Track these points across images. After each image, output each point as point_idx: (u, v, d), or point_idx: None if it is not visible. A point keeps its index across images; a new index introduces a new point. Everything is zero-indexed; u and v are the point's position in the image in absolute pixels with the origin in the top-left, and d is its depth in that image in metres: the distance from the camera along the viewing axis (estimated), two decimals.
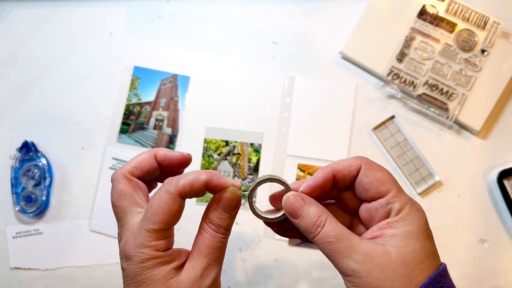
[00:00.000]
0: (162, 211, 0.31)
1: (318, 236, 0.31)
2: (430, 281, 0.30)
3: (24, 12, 0.72)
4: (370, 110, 0.68)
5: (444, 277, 0.31)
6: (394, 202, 0.32)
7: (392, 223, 0.31)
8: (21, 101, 0.69)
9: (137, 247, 0.31)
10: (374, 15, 0.68)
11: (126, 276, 0.32)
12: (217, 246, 0.32)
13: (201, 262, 0.32)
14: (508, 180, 0.65)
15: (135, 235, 0.32)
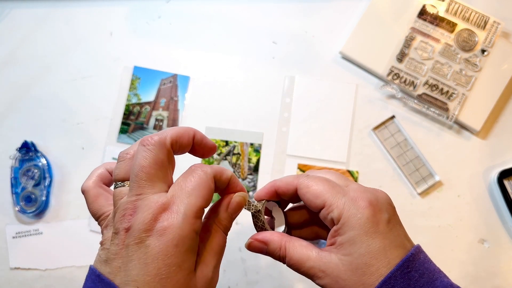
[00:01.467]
0: (204, 188, 0.30)
1: (287, 264, 0.35)
2: (379, 285, 0.30)
3: (24, 12, 0.72)
4: (370, 110, 0.68)
5: (402, 274, 0.31)
6: (332, 211, 0.33)
7: (338, 231, 0.33)
8: (21, 101, 0.69)
9: (180, 220, 0.28)
10: (374, 15, 0.68)
11: (148, 256, 0.28)
12: (224, 245, 0.33)
13: (213, 261, 0.32)
14: (508, 180, 0.65)
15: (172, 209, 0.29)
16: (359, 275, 0.31)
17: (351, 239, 0.32)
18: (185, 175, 0.32)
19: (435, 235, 0.64)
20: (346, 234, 0.32)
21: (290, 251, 0.34)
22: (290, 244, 0.35)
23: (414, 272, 0.31)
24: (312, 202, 0.34)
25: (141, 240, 0.28)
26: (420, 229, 0.65)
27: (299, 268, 0.34)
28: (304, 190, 0.35)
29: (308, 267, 0.33)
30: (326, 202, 0.33)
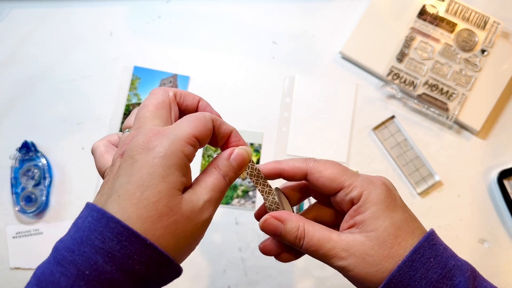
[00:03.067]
0: (201, 123, 0.31)
1: (304, 247, 0.33)
2: (410, 254, 0.31)
3: (24, 12, 0.72)
4: (370, 110, 0.68)
5: (436, 235, 0.33)
6: (352, 192, 0.33)
7: (358, 209, 0.33)
8: (21, 101, 0.69)
9: (170, 140, 0.29)
10: (374, 15, 0.68)
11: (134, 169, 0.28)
12: (221, 189, 0.32)
13: (205, 195, 0.30)
14: (508, 180, 0.65)
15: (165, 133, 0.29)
16: (388, 247, 0.31)
17: (374, 214, 0.32)
18: (185, 116, 0.32)
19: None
20: (368, 211, 0.32)
21: (310, 232, 0.33)
22: (309, 224, 0.34)
23: (438, 245, 0.32)
24: (327, 186, 0.34)
25: (131, 157, 0.29)
26: None
27: (318, 249, 0.33)
28: (317, 175, 0.34)
29: (329, 248, 0.32)
30: (345, 184, 0.33)
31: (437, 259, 0.31)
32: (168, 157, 0.28)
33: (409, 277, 0.30)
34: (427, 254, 0.31)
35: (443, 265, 0.31)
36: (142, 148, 0.29)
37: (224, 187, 0.32)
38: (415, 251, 0.31)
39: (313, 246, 0.33)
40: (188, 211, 0.29)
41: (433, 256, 0.31)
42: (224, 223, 0.65)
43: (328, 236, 0.33)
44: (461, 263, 0.32)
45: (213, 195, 0.31)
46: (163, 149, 0.28)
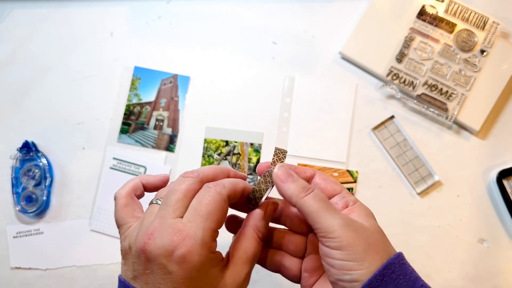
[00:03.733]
0: (218, 211, 0.32)
1: (309, 196, 0.33)
2: (382, 269, 0.31)
3: (24, 12, 0.72)
4: (370, 110, 0.68)
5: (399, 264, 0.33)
6: (349, 196, 0.36)
7: (353, 209, 0.35)
8: (21, 101, 0.69)
9: (198, 247, 0.30)
10: (374, 16, 0.68)
11: (174, 281, 0.30)
12: (259, 252, 0.35)
13: (247, 268, 0.33)
14: (507, 180, 0.65)
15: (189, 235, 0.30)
16: (383, 237, 0.34)
17: (368, 215, 0.35)
18: (199, 195, 0.33)
19: (434, 235, 0.65)
20: (362, 212, 0.35)
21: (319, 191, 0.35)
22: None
23: (407, 266, 0.33)
24: (329, 187, 0.36)
25: (164, 266, 0.30)
26: (420, 229, 0.65)
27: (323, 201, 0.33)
28: (323, 176, 0.37)
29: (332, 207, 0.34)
30: (343, 190, 0.36)
31: (406, 278, 0.31)
32: (203, 267, 0.31)
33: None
34: (397, 271, 0.31)
35: (411, 285, 0.31)
36: (169, 255, 0.30)
37: (261, 247, 0.35)
38: (386, 267, 0.31)
39: (320, 196, 0.34)
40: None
41: (403, 274, 0.31)
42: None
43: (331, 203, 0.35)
44: (428, 287, 0.32)
45: (253, 264, 0.34)
46: (195, 262, 0.30)
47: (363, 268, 0.30)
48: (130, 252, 0.33)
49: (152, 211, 0.34)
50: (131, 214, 0.36)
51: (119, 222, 0.36)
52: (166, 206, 0.32)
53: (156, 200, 0.36)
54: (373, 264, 0.31)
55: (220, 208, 0.32)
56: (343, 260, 0.31)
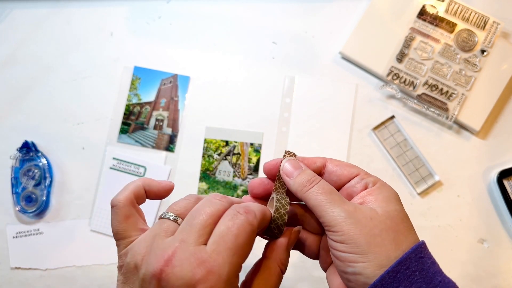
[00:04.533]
0: (247, 244, 0.29)
1: (312, 189, 0.32)
2: (395, 265, 0.29)
3: (24, 12, 0.72)
4: (370, 110, 0.68)
5: (426, 249, 0.32)
6: (368, 178, 0.34)
7: (371, 192, 0.33)
8: (21, 101, 0.69)
9: (222, 285, 0.27)
10: (374, 15, 0.68)
11: None
12: (280, 284, 0.32)
13: None
14: (508, 180, 0.65)
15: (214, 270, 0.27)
16: (396, 223, 0.31)
17: (388, 198, 0.33)
18: (227, 220, 0.29)
19: (434, 235, 0.65)
20: (381, 194, 0.33)
21: (325, 182, 0.34)
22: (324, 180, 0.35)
23: (426, 259, 0.31)
24: (345, 171, 0.35)
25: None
26: (420, 229, 0.64)
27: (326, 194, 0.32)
28: (336, 162, 0.36)
29: (339, 198, 0.32)
30: (361, 172, 0.35)
31: (423, 273, 0.30)
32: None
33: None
34: (412, 266, 0.30)
35: (428, 281, 0.30)
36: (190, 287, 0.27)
37: (281, 280, 0.32)
38: (400, 262, 0.29)
39: (323, 189, 0.32)
40: None
41: (419, 269, 0.30)
42: None
43: (339, 193, 0.33)
44: (448, 280, 0.31)
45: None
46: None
47: (366, 261, 0.29)
48: (137, 272, 0.29)
49: (166, 229, 0.30)
50: (134, 227, 0.32)
51: (119, 235, 0.32)
52: (191, 228, 0.29)
53: (169, 214, 0.31)
54: (378, 257, 0.29)
55: (250, 241, 0.29)
56: (346, 253, 0.30)
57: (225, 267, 0.27)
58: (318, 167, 0.36)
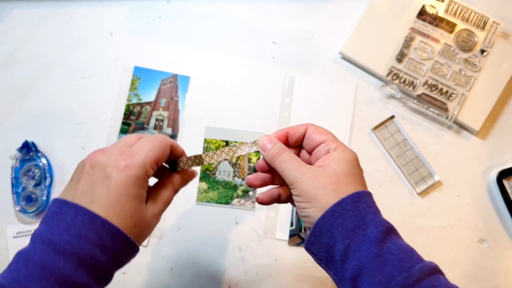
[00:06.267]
0: (161, 148, 0.40)
1: (278, 159, 0.42)
2: (353, 194, 0.38)
3: (24, 12, 0.72)
4: (370, 110, 0.68)
5: (366, 197, 0.39)
6: (332, 144, 0.42)
7: (330, 156, 0.41)
8: (21, 101, 0.69)
9: (139, 164, 0.37)
10: (374, 16, 0.68)
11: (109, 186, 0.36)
12: (171, 200, 0.43)
13: (161, 206, 0.41)
14: (507, 180, 0.65)
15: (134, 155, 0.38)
16: (339, 177, 0.40)
17: (341, 160, 0.41)
18: (152, 137, 0.40)
19: (434, 235, 0.65)
20: (337, 157, 0.41)
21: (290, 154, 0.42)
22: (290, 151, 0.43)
23: (362, 203, 0.39)
24: (317, 137, 0.43)
25: (104, 171, 0.36)
26: (420, 229, 0.65)
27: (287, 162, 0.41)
28: (313, 128, 0.44)
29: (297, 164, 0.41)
30: (329, 139, 0.42)
31: (356, 213, 0.38)
32: (138, 180, 0.37)
33: (329, 223, 0.38)
34: (347, 208, 0.38)
35: (360, 219, 0.37)
36: (113, 165, 0.37)
37: (172, 197, 0.43)
38: (336, 204, 0.38)
39: (286, 158, 0.42)
40: (149, 218, 0.39)
41: (352, 210, 0.38)
42: (224, 223, 0.65)
43: (300, 161, 0.42)
44: (380, 219, 0.38)
45: (165, 206, 0.42)
46: (134, 173, 0.37)
47: (312, 207, 0.39)
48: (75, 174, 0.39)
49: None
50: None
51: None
52: (120, 141, 0.40)
53: None
54: (321, 203, 0.38)
55: (163, 148, 0.40)
56: (300, 202, 0.40)
57: (142, 155, 0.38)
58: (301, 133, 0.44)
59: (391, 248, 0.36)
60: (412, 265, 0.36)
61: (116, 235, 0.35)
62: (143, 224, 0.38)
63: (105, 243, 0.34)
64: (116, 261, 0.36)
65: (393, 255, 0.36)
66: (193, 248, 0.64)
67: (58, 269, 0.32)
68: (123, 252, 0.37)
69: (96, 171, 0.37)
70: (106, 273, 0.36)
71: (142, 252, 0.64)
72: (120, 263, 0.38)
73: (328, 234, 0.38)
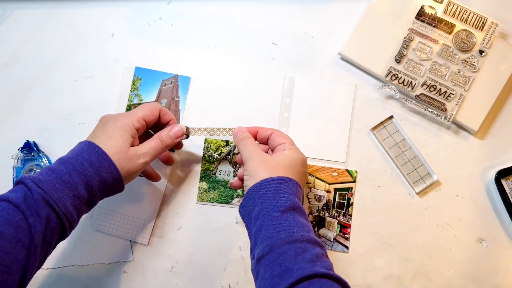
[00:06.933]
0: (150, 109, 0.57)
1: (242, 142, 0.55)
2: (282, 177, 0.50)
3: (26, 13, 0.72)
4: (369, 111, 0.68)
5: (291, 183, 0.50)
6: (288, 146, 0.54)
7: (283, 151, 0.54)
8: (23, 101, 0.69)
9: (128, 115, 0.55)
10: (373, 17, 0.69)
11: (106, 127, 0.54)
12: (157, 148, 0.56)
13: (144, 150, 0.54)
14: (506, 180, 0.65)
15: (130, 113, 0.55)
16: (276, 164, 0.52)
17: (286, 155, 0.53)
18: (144, 103, 0.61)
19: (433, 234, 0.65)
20: (285, 153, 0.54)
21: (252, 142, 0.56)
22: (253, 140, 0.56)
23: (283, 185, 0.49)
24: (278, 139, 0.56)
25: (105, 122, 0.54)
26: (419, 229, 0.65)
27: (248, 146, 0.54)
28: (277, 133, 0.57)
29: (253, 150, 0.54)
30: (287, 143, 0.55)
31: (276, 189, 0.49)
32: (124, 127, 0.53)
33: (255, 191, 0.50)
34: (272, 185, 0.49)
35: (277, 193, 0.48)
36: (112, 118, 0.54)
37: (161, 148, 0.56)
38: (265, 179, 0.50)
39: (247, 143, 0.55)
40: (130, 155, 0.52)
41: (275, 187, 0.49)
42: (224, 222, 0.65)
43: (259, 150, 0.54)
44: (292, 199, 0.48)
45: (150, 151, 0.55)
46: (122, 121, 0.53)
47: (250, 179, 0.51)
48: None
49: None
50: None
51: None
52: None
53: None
54: (257, 178, 0.50)
55: (151, 109, 0.56)
56: (246, 175, 0.52)
57: (130, 113, 0.55)
58: (268, 134, 0.57)
59: (289, 218, 0.46)
60: (297, 231, 0.45)
61: (101, 155, 0.50)
62: (125, 157, 0.52)
63: (93, 159, 0.50)
64: (100, 177, 0.50)
65: (287, 222, 0.46)
66: (193, 248, 0.65)
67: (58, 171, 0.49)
68: (108, 173, 0.50)
69: (101, 123, 0.55)
70: (91, 184, 0.49)
71: (143, 252, 0.65)
72: (104, 183, 0.50)
73: (253, 200, 0.50)
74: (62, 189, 0.47)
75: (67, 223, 0.47)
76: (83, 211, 0.50)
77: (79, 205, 0.49)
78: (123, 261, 0.65)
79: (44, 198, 0.46)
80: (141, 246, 0.65)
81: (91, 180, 0.49)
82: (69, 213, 0.47)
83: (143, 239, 0.65)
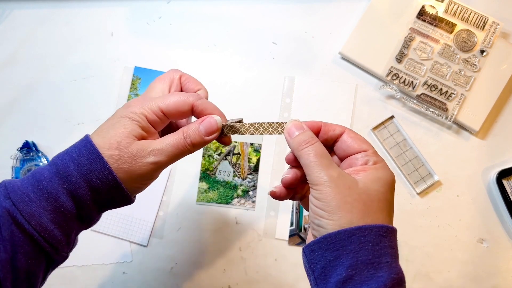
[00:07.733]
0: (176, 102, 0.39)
1: (307, 149, 0.37)
2: (382, 226, 0.34)
3: (25, 13, 0.72)
4: (369, 110, 0.68)
5: (392, 235, 0.35)
6: (372, 157, 0.38)
7: (367, 168, 0.37)
8: (22, 101, 0.69)
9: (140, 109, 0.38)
10: (374, 16, 0.68)
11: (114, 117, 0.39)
12: (179, 146, 0.39)
13: (158, 146, 0.38)
14: (507, 180, 0.65)
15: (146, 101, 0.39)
16: (370, 200, 0.35)
17: (377, 178, 0.36)
18: (173, 93, 0.42)
19: (434, 234, 0.65)
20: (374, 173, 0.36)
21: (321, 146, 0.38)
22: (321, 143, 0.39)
23: (387, 239, 0.34)
24: (355, 145, 0.38)
25: (118, 114, 0.39)
26: (419, 229, 0.65)
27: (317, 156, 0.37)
28: (352, 134, 0.39)
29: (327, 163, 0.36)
30: (370, 150, 0.38)
31: (375, 248, 0.33)
32: (132, 115, 0.38)
33: (341, 243, 0.33)
34: (369, 238, 0.33)
35: (377, 256, 0.33)
36: (125, 105, 0.40)
37: (183, 145, 0.39)
38: (360, 228, 0.33)
39: (315, 152, 0.36)
40: (133, 150, 0.37)
41: (374, 243, 0.33)
42: (224, 223, 0.65)
43: (331, 159, 0.37)
44: (396, 266, 0.34)
45: (165, 148, 0.38)
46: (133, 108, 0.38)
47: (331, 219, 0.34)
48: None
49: None
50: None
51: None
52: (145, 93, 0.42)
53: None
54: (342, 220, 0.34)
55: (177, 102, 0.39)
56: (318, 208, 0.35)
57: (146, 100, 0.39)
58: (336, 134, 0.39)
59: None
60: None
61: (92, 154, 0.37)
62: (124, 153, 0.37)
63: (81, 159, 0.37)
64: (89, 184, 0.37)
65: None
66: (193, 248, 0.65)
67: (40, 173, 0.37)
68: (100, 179, 0.37)
69: (112, 116, 0.40)
70: (78, 193, 0.36)
71: (142, 252, 0.64)
72: (97, 192, 0.37)
73: (335, 253, 0.34)
74: (38, 200, 0.35)
75: (48, 245, 0.36)
76: (72, 228, 0.38)
77: (63, 221, 0.36)
78: (122, 262, 0.64)
79: (10, 213, 0.34)
80: (141, 246, 0.65)
81: (77, 189, 0.36)
82: (48, 232, 0.35)
83: (143, 239, 0.65)
